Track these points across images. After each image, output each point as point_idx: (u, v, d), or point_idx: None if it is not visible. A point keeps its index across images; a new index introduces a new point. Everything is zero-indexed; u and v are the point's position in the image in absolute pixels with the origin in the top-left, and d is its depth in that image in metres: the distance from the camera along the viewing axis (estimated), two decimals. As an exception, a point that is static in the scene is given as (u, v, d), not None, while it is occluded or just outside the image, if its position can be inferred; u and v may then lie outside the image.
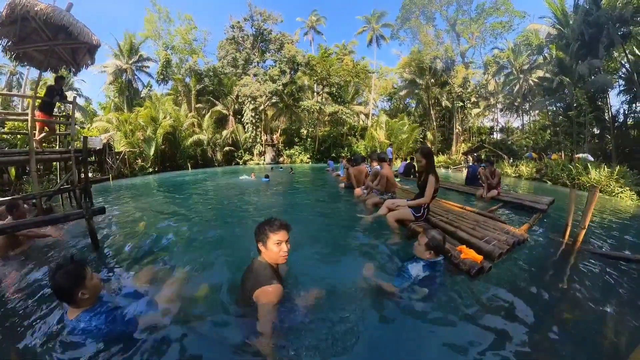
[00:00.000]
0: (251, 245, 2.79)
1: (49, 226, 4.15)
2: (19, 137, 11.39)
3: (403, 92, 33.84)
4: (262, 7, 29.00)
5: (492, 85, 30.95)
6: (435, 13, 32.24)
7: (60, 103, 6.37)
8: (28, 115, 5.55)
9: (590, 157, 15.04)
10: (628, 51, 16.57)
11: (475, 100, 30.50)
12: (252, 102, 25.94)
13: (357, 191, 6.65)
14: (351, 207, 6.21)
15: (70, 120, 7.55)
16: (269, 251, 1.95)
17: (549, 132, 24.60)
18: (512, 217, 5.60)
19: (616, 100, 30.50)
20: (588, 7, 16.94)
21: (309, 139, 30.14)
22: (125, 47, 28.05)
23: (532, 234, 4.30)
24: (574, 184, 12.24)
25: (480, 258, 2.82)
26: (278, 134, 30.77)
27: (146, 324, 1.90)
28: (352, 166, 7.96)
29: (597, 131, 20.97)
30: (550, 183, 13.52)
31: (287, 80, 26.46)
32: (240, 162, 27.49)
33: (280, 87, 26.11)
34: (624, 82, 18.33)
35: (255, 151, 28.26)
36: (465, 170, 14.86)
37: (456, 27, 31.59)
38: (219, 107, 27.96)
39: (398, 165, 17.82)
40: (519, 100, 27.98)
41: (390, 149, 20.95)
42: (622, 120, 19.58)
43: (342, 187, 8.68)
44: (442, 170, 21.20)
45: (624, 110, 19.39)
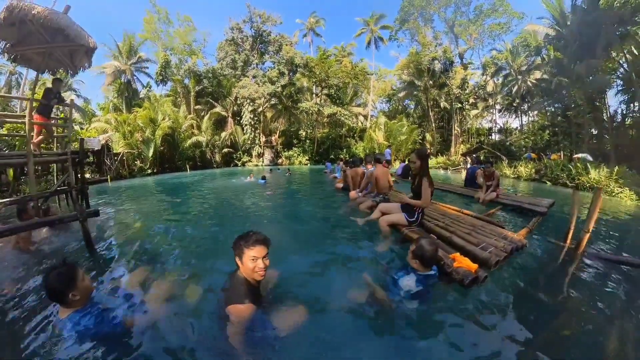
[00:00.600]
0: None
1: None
2: (17, 137, 11.36)
3: (402, 94, 33.90)
4: (261, 9, 29.14)
5: (490, 86, 31.03)
6: (433, 15, 32.33)
7: (58, 105, 6.34)
8: (26, 117, 5.54)
9: (589, 157, 15.06)
10: (626, 51, 16.63)
11: (473, 102, 30.57)
12: (251, 103, 25.97)
13: (352, 194, 6.46)
14: (345, 211, 6.04)
15: (67, 122, 7.55)
16: (245, 267, 1.89)
17: (547, 132, 24.66)
18: (511, 220, 5.46)
19: (614, 100, 30.49)
20: (586, 7, 17.01)
21: (307, 141, 30.14)
22: (125, 48, 28.08)
23: (532, 238, 4.12)
24: (576, 185, 12.23)
25: (475, 267, 2.67)
26: (277, 136, 30.77)
27: (135, 325, 1.94)
28: (349, 168, 7.93)
29: (595, 131, 21.02)
30: (549, 184, 13.49)
31: (285, 81, 26.51)
32: (239, 163, 27.48)
33: (279, 89, 26.14)
34: (622, 82, 18.39)
35: (254, 153, 28.27)
36: (464, 171, 14.87)
37: (454, 28, 31.69)
38: (217, 109, 27.97)
39: (397, 166, 17.81)
40: (518, 101, 28.06)
41: (389, 150, 20.94)
42: (620, 120, 19.63)
43: (340, 187, 8.70)
44: (441, 172, 21.21)
45: (622, 110, 19.45)
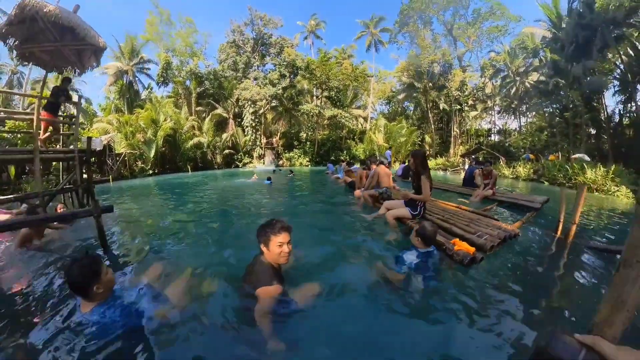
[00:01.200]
0: (247, 242, 3.20)
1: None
2: (18, 136, 11.42)
3: (401, 96, 34.12)
4: (262, 11, 29.42)
5: (489, 88, 31.25)
6: (432, 18, 32.73)
7: (64, 103, 6.47)
8: (34, 114, 5.67)
9: (586, 157, 15.20)
10: (622, 52, 16.85)
11: (472, 103, 30.77)
12: (252, 105, 26.17)
13: (357, 192, 6.87)
14: (353, 208, 6.33)
15: (73, 120, 7.69)
16: (271, 252, 2.06)
17: (545, 133, 24.82)
18: (507, 215, 5.77)
19: (612, 101, 30.72)
20: (581, 10, 17.25)
21: (308, 143, 30.28)
22: (127, 49, 28.34)
23: (526, 230, 4.49)
24: (573, 184, 12.39)
25: (472, 250, 3.02)
26: (277, 137, 30.94)
27: (158, 316, 1.97)
28: (363, 168, 8.43)
29: (593, 131, 21.17)
30: (547, 183, 13.65)
31: (286, 84, 26.72)
32: (240, 164, 27.61)
33: (280, 91, 26.36)
34: (618, 83, 18.58)
35: (255, 154, 28.42)
36: (463, 172, 15.01)
37: (453, 31, 32.01)
38: (219, 110, 28.15)
39: (397, 168, 17.95)
40: (516, 102, 28.27)
41: (389, 152, 21.12)
42: (617, 120, 19.80)
43: (345, 182, 9.40)
44: (440, 173, 21.36)
45: (620, 110, 19.61)
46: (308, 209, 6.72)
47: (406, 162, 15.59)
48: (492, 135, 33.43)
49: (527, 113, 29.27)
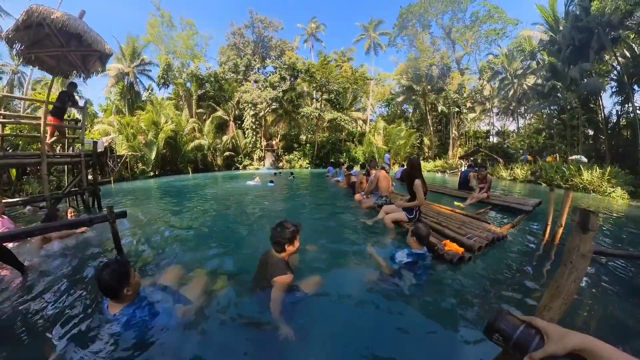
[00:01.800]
0: (258, 241, 3.63)
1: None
2: (20, 138, 11.40)
3: (400, 98, 34.30)
4: (263, 14, 29.68)
5: (487, 90, 31.44)
6: (431, 21, 32.92)
7: (71, 108, 6.60)
8: (41, 119, 5.80)
9: (583, 159, 15.34)
10: (619, 54, 17.03)
11: (470, 106, 30.97)
12: (253, 108, 26.33)
13: (357, 196, 7.08)
14: (353, 211, 6.50)
15: (78, 124, 7.83)
16: (294, 247, 2.43)
17: (543, 135, 24.97)
18: (500, 218, 5.95)
19: (609, 102, 30.90)
20: (578, 13, 17.46)
21: (307, 145, 30.44)
22: (128, 51, 28.55)
23: (516, 232, 4.70)
24: (570, 186, 12.53)
25: (461, 250, 3.30)
26: (277, 140, 31.09)
27: (181, 315, 2.11)
28: (362, 174, 8.66)
29: (591, 132, 21.34)
30: (544, 185, 13.77)
31: (287, 86, 26.88)
32: (240, 167, 27.73)
33: (281, 94, 26.52)
34: (615, 84, 18.76)
35: (255, 156, 28.54)
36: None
37: (451, 34, 32.22)
38: (219, 113, 28.30)
39: (396, 170, 18.08)
40: (514, 104, 28.45)
41: (388, 155, 21.26)
42: (615, 121, 19.96)
43: (342, 185, 9.70)
44: (439, 175, 21.52)
45: (617, 112, 19.78)
46: (311, 211, 6.87)
47: (404, 165, 15.80)
48: (490, 137, 33.59)
49: (525, 115, 29.47)
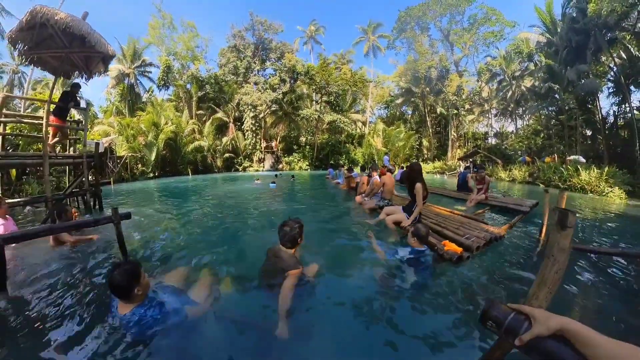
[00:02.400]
0: (261, 240, 3.80)
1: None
2: (20, 137, 11.35)
3: (399, 100, 34.47)
4: (263, 17, 29.82)
5: (485, 92, 31.63)
6: (429, 24, 33.22)
7: (74, 108, 6.63)
8: (43, 119, 5.83)
9: (582, 159, 15.44)
10: (615, 55, 17.20)
11: (469, 107, 31.13)
12: (253, 109, 26.42)
13: (358, 198, 7.15)
14: (354, 213, 6.53)
15: (80, 125, 7.86)
16: (302, 241, 2.70)
17: (542, 136, 25.10)
18: (498, 219, 6.03)
19: (606, 103, 31.04)
20: (575, 15, 17.64)
21: (307, 147, 30.53)
22: (129, 52, 28.71)
23: (514, 232, 4.78)
24: (568, 186, 12.61)
25: (460, 250, 3.42)
26: (277, 141, 31.19)
27: (192, 313, 2.16)
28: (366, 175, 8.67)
29: (588, 133, 21.48)
30: (542, 186, 13.84)
31: (287, 89, 26.99)
32: (240, 168, 27.77)
33: (280, 96, 26.63)
34: (612, 85, 18.92)
35: (255, 158, 28.59)
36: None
37: (450, 37, 32.47)
38: (219, 114, 28.38)
39: (395, 172, 18.11)
40: (512, 105, 28.62)
41: (387, 157, 21.32)
42: (612, 121, 20.11)
43: (342, 187, 9.82)
44: (438, 177, 21.61)
45: (614, 112, 19.94)
46: (312, 213, 6.90)
47: (404, 167, 15.94)
48: (489, 138, 33.75)
49: (524, 116, 29.64)
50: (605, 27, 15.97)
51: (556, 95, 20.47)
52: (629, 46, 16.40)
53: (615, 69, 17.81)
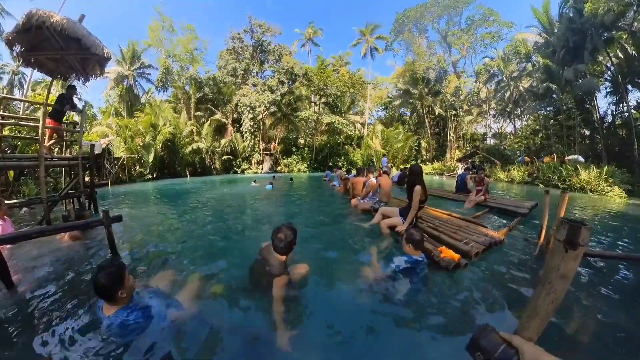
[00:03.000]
0: (253, 244, 3.66)
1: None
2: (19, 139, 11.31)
3: (398, 102, 34.46)
4: (261, 19, 29.90)
5: (484, 93, 31.71)
6: (427, 25, 33.34)
7: (70, 111, 6.61)
8: (40, 122, 5.80)
9: (580, 159, 15.46)
10: (612, 55, 17.28)
11: (467, 108, 31.18)
12: (251, 111, 26.41)
13: (354, 201, 7.00)
14: (348, 216, 6.43)
15: (77, 127, 7.83)
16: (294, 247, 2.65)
17: (540, 136, 25.15)
18: (498, 221, 5.89)
19: (604, 102, 31.06)
20: (572, 15, 17.75)
21: (306, 149, 30.51)
22: (128, 54, 28.78)
23: (513, 236, 4.62)
24: (567, 186, 12.60)
25: (457, 256, 3.24)
26: (276, 143, 31.18)
27: (173, 319, 2.14)
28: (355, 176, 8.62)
29: (587, 132, 21.55)
30: (541, 186, 13.83)
31: (285, 90, 26.98)
32: (239, 170, 27.72)
33: (279, 98, 26.63)
34: (610, 84, 19.00)
35: (253, 160, 28.55)
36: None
37: (447, 38, 32.60)
38: (218, 116, 28.36)
39: (394, 173, 18.12)
40: (511, 106, 28.69)
41: (385, 159, 21.31)
42: (610, 121, 20.18)
43: (338, 190, 9.65)
44: (436, 178, 21.62)
45: (612, 111, 20.04)
46: (307, 215, 6.82)
47: (402, 169, 15.90)
48: (487, 139, 33.80)
49: (522, 116, 29.71)
50: (601, 27, 16.06)
51: (554, 95, 20.55)
52: (626, 45, 16.48)
53: (612, 68, 17.91)
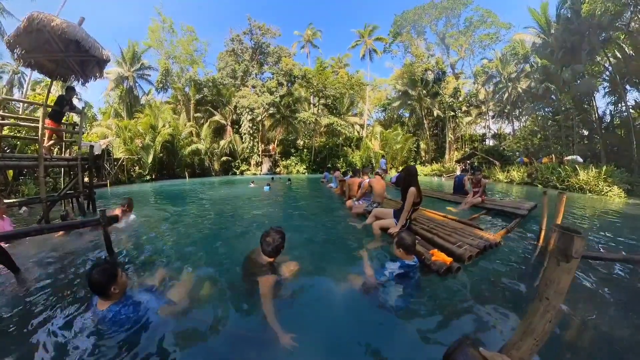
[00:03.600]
0: (247, 245, 3.64)
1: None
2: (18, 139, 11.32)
3: (396, 103, 34.53)
4: (261, 21, 30.03)
5: (482, 94, 31.80)
6: (425, 27, 33.44)
7: (69, 112, 6.64)
8: (39, 123, 5.83)
9: (579, 159, 15.50)
10: (610, 55, 17.35)
11: (466, 109, 31.26)
12: (250, 113, 26.47)
13: (349, 202, 6.97)
14: (343, 217, 6.40)
15: (76, 128, 7.86)
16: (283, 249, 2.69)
17: (539, 136, 25.21)
18: (495, 223, 5.76)
19: (602, 102, 31.15)
20: (569, 16, 17.84)
21: (305, 150, 30.54)
22: (128, 55, 28.81)
23: (511, 238, 4.49)
24: (566, 186, 12.63)
25: (449, 260, 3.11)
26: (275, 145, 31.22)
27: (164, 314, 2.22)
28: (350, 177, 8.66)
29: (585, 133, 21.61)
30: (540, 186, 13.85)
31: (284, 92, 27.06)
32: (238, 172, 27.74)
33: (278, 99, 26.70)
34: (608, 84, 19.07)
35: (252, 161, 28.58)
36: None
37: (445, 40, 32.72)
38: (217, 117, 28.42)
39: (393, 174, 18.15)
40: (509, 107, 28.77)
41: (384, 160, 21.34)
42: (609, 121, 20.25)
43: (335, 191, 9.74)
44: (435, 179, 21.66)
45: (611, 111, 20.11)
46: (302, 217, 6.81)
47: (401, 170, 15.93)
48: (486, 140, 33.88)
49: (521, 117, 29.80)
50: (599, 27, 16.12)
51: (552, 96, 20.62)
52: (623, 45, 16.54)
53: (610, 68, 17.97)
